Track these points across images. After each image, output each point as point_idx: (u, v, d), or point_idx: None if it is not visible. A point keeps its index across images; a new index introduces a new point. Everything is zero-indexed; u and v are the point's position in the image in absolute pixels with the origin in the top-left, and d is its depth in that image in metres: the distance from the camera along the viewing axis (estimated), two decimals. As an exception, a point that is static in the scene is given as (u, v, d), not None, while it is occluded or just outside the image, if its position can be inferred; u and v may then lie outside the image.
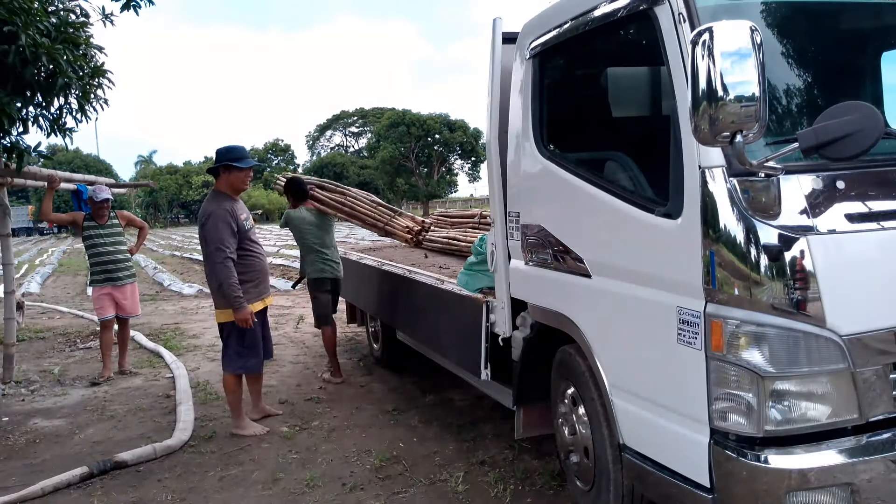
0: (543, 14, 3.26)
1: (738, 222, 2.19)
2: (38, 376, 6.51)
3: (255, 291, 4.70)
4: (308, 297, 6.32)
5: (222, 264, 4.42)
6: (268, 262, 4.92)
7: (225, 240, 4.43)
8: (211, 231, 4.45)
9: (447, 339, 4.55)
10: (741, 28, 1.96)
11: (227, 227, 4.46)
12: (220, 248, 4.41)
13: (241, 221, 4.59)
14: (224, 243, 4.42)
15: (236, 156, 4.63)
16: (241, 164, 4.61)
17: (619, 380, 2.82)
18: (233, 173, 4.62)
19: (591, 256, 2.94)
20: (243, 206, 4.80)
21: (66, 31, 5.03)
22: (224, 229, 4.44)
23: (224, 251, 4.42)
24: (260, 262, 4.75)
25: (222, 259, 4.42)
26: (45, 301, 12.60)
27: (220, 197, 4.62)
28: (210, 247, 4.45)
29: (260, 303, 4.76)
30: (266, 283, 4.87)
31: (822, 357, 2.17)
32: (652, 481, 2.65)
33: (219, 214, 4.47)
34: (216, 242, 4.42)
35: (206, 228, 4.47)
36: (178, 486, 3.93)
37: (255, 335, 4.70)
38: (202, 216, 4.54)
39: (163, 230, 55.78)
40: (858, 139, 2.05)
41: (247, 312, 4.52)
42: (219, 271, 4.44)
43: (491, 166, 3.65)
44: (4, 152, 5.43)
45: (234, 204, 4.64)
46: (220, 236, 4.42)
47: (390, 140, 58.95)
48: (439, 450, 4.33)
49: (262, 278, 4.81)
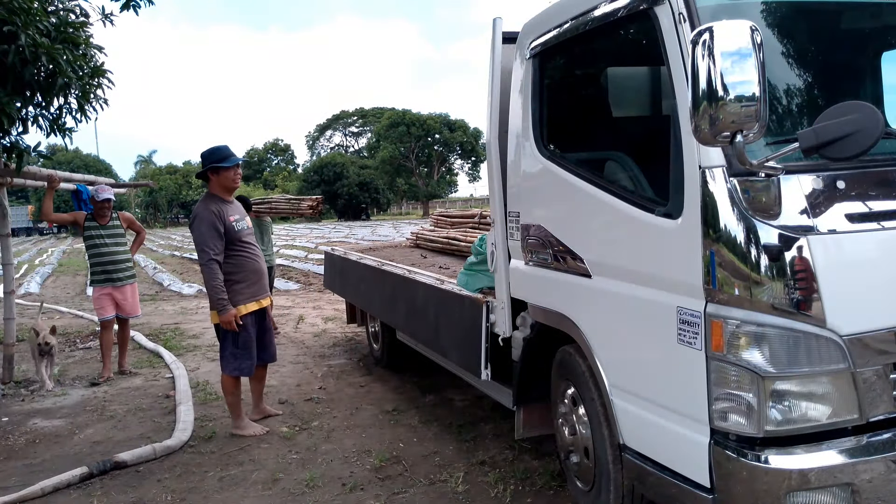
0: (543, 14, 3.26)
1: (738, 222, 2.19)
2: (38, 376, 6.50)
3: (249, 292, 4.66)
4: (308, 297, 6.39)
5: (206, 266, 4.46)
6: (265, 262, 4.90)
7: (209, 241, 4.44)
8: (195, 233, 4.50)
9: (447, 339, 4.55)
10: (741, 28, 1.96)
11: (212, 228, 4.46)
12: (204, 249, 4.45)
13: (229, 223, 4.56)
14: (208, 245, 4.44)
15: (221, 156, 4.63)
16: (226, 163, 4.61)
17: (620, 380, 2.81)
18: (221, 174, 4.63)
19: (591, 256, 2.94)
20: (237, 207, 4.77)
21: (65, 31, 5.03)
22: (208, 231, 4.45)
23: (208, 253, 4.44)
24: (253, 263, 4.70)
25: (206, 261, 4.45)
26: (45, 301, 12.60)
27: (209, 199, 4.62)
28: (196, 248, 4.53)
29: (255, 304, 4.70)
30: (261, 284, 4.80)
31: (823, 357, 2.17)
32: (652, 481, 2.65)
33: (204, 216, 4.49)
34: (201, 244, 4.46)
35: (193, 230, 4.54)
36: (177, 487, 3.93)
37: (248, 337, 4.66)
38: (191, 219, 4.61)
39: (162, 230, 55.76)
40: (858, 139, 2.05)
41: (230, 315, 4.50)
42: (203, 273, 4.51)
43: (491, 166, 3.65)
44: (4, 152, 5.43)
45: (224, 205, 4.61)
46: (205, 238, 4.45)
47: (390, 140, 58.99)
48: (439, 450, 4.33)
49: (256, 279, 4.73)
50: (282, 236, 33.02)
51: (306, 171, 65.94)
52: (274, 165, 75.48)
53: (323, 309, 10.12)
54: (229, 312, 4.50)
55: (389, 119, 60.33)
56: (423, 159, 60.81)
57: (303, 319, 9.19)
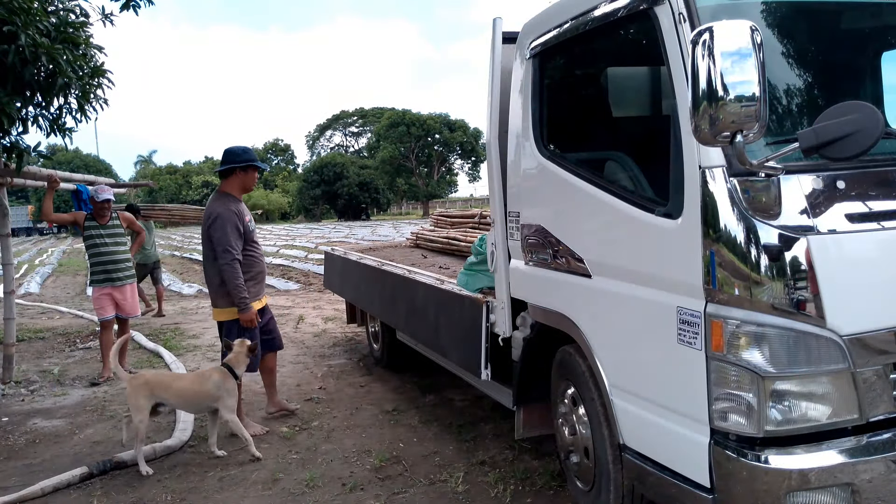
0: (543, 14, 3.26)
1: (738, 222, 2.19)
2: (37, 376, 6.51)
3: (254, 291, 4.72)
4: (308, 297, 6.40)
5: (230, 265, 4.46)
6: (266, 262, 4.95)
7: (232, 242, 4.47)
8: (219, 233, 4.47)
9: (447, 339, 4.55)
10: (741, 28, 1.96)
11: (235, 229, 4.51)
12: (227, 250, 4.45)
13: (245, 223, 4.64)
14: (231, 245, 4.47)
15: (252, 157, 4.75)
16: (256, 164, 4.74)
17: (620, 380, 2.81)
18: (248, 173, 4.70)
19: (591, 256, 2.94)
20: (246, 208, 4.83)
21: (65, 30, 5.03)
22: (232, 232, 4.48)
23: (231, 253, 4.47)
24: (260, 263, 4.80)
25: (230, 261, 4.46)
26: (45, 301, 12.60)
27: (226, 198, 4.64)
28: (217, 248, 4.48)
29: (258, 302, 4.77)
30: (263, 283, 4.91)
31: (823, 357, 2.17)
32: (652, 481, 2.65)
33: (226, 216, 4.50)
34: (224, 244, 4.45)
35: (214, 229, 4.49)
36: (178, 486, 3.93)
37: (255, 334, 4.72)
38: (208, 216, 4.55)
39: (162, 230, 55.75)
40: (858, 139, 2.05)
41: (252, 313, 4.57)
42: (226, 273, 4.47)
43: (491, 166, 3.65)
44: (4, 152, 5.43)
45: (240, 205, 4.68)
46: (228, 238, 4.46)
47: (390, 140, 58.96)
48: (439, 450, 4.33)
49: (262, 278, 4.86)
50: (281, 236, 33.01)
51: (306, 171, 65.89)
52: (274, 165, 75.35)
53: (323, 309, 10.12)
54: (251, 311, 4.57)
55: (389, 119, 60.30)
56: (423, 159, 60.80)
57: (303, 319, 9.19)
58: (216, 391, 4.26)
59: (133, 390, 4.17)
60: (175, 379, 4.44)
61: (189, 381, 4.43)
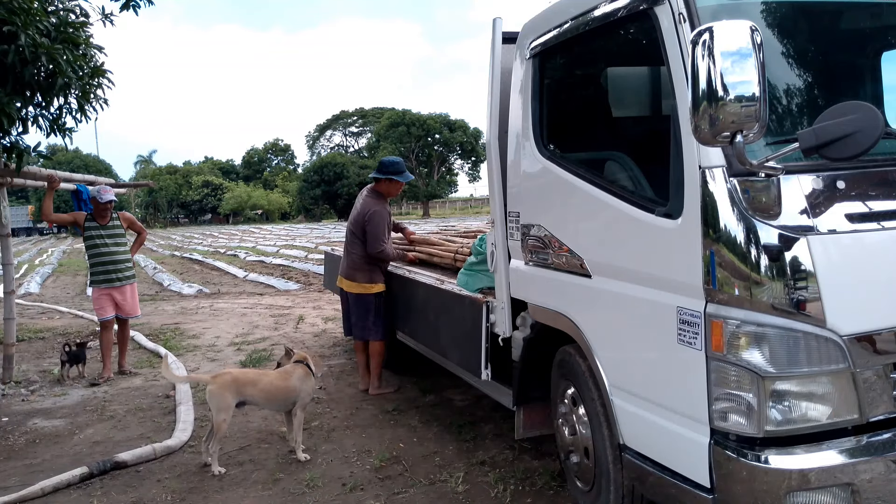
0: (543, 14, 3.26)
1: (738, 222, 2.19)
2: (38, 376, 6.50)
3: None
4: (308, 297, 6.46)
5: (383, 251, 5.46)
6: None
7: (384, 235, 5.51)
8: (377, 228, 5.42)
9: (447, 339, 4.55)
10: (741, 28, 1.96)
11: (387, 226, 5.61)
12: (381, 240, 5.45)
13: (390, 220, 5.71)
14: (385, 237, 5.52)
15: (399, 169, 5.62)
16: (400, 177, 5.60)
17: (620, 380, 2.81)
18: (393, 184, 5.61)
19: (591, 256, 2.94)
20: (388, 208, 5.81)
21: (65, 30, 5.03)
22: (386, 228, 5.57)
23: (385, 243, 5.50)
24: None
25: (383, 247, 5.46)
26: (45, 301, 12.61)
27: (380, 199, 5.60)
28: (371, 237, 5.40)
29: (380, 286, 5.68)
30: None
31: (823, 357, 2.17)
32: (652, 481, 2.65)
33: (383, 214, 5.51)
34: (380, 236, 5.42)
35: (370, 223, 5.42)
36: (178, 486, 3.93)
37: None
38: (367, 210, 5.46)
39: (162, 230, 55.78)
40: (858, 139, 2.05)
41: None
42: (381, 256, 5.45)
43: (491, 166, 3.65)
44: (4, 152, 5.43)
45: (386, 205, 5.67)
46: (383, 232, 5.48)
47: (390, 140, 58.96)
48: (439, 450, 4.33)
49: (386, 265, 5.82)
50: (282, 236, 33.04)
51: (306, 171, 65.93)
52: (274, 165, 75.46)
53: (323, 309, 10.12)
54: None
55: (389, 119, 60.33)
56: (423, 159, 60.81)
57: (303, 319, 9.19)
58: (300, 385, 4.32)
59: (219, 388, 4.15)
60: (261, 376, 4.44)
61: (274, 378, 4.42)
